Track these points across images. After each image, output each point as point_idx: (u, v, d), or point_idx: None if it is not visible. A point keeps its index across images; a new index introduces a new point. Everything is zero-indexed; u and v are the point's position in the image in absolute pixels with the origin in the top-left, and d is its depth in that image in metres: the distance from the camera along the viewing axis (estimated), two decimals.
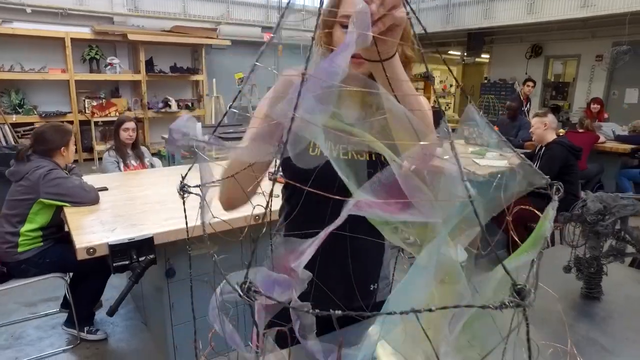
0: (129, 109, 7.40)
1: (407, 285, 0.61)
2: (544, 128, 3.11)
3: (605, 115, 6.59)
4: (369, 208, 0.54)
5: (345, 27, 0.93)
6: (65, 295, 2.64)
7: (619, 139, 5.26)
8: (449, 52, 12.27)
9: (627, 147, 4.95)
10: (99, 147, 6.94)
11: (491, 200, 0.58)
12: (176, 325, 2.15)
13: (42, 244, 2.27)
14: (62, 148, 2.29)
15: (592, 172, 4.95)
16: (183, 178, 0.74)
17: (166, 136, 5.14)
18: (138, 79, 7.35)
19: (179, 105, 7.78)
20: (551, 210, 0.57)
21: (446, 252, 0.58)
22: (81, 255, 1.67)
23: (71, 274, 2.44)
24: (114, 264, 1.71)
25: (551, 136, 3.13)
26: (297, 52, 9.99)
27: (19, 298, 2.78)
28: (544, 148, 3.12)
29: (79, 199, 2.18)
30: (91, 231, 1.83)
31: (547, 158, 3.03)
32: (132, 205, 2.22)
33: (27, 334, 2.49)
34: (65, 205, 2.18)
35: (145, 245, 1.78)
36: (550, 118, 3.14)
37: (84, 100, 7.00)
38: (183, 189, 0.70)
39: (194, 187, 0.75)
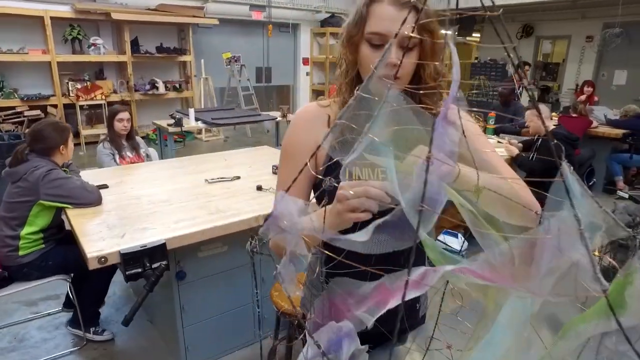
0: (114, 92, 7.16)
1: (488, 347, 0.58)
2: (537, 119, 3.12)
3: (596, 99, 6.65)
4: (465, 273, 0.51)
5: (373, 45, 0.87)
6: (67, 294, 2.58)
7: (610, 123, 5.32)
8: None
9: (619, 132, 5.02)
10: (85, 131, 6.73)
11: None
12: (187, 326, 2.14)
13: (43, 246, 2.20)
14: (62, 146, 2.19)
15: (584, 157, 5.02)
16: (252, 238, 0.69)
17: (157, 121, 5.00)
18: (123, 60, 7.08)
19: (166, 87, 7.55)
20: None
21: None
22: (93, 265, 1.61)
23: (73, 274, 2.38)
24: (127, 273, 1.66)
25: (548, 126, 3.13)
26: (285, 31, 9.75)
27: (18, 297, 2.71)
28: (540, 139, 3.13)
29: (82, 201, 2.10)
30: (100, 237, 1.77)
31: (544, 151, 3.03)
32: (137, 205, 2.15)
33: (31, 335, 2.44)
34: (67, 207, 2.11)
35: (157, 251, 1.73)
36: (542, 109, 3.14)
37: (67, 83, 6.73)
38: (253, 251, 0.66)
39: (263, 242, 0.71)
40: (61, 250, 2.26)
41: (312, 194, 1.08)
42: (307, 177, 1.02)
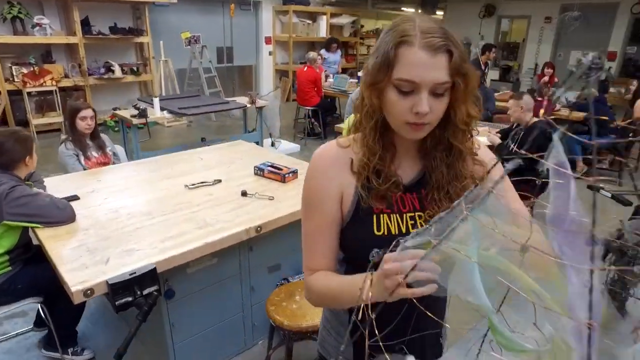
0: (66, 76, 6.62)
1: None
2: (521, 111, 3.15)
3: (556, 80, 6.88)
4: None
5: (401, 92, 0.79)
6: (38, 311, 2.40)
7: (572, 106, 5.53)
8: (402, 8, 12.07)
9: (581, 115, 5.22)
10: (35, 120, 6.22)
11: None
12: (177, 343, 2.05)
13: (10, 268, 2.01)
14: (27, 157, 1.98)
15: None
16: None
17: (119, 112, 4.68)
18: (74, 41, 6.52)
19: (123, 70, 7.07)
20: None
21: None
22: (78, 299, 1.48)
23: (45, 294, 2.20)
24: (116, 303, 1.54)
25: (530, 118, 3.18)
26: (246, 8, 9.34)
27: None
28: (523, 131, 3.18)
29: (53, 219, 1.91)
30: (81, 265, 1.62)
31: (525, 143, 3.07)
32: (116, 221, 1.99)
33: None
34: (36, 227, 1.91)
35: (147, 276, 1.61)
36: (526, 99, 3.18)
37: (11, 67, 6.14)
38: None
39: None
40: (30, 270, 2.08)
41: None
42: (335, 226, 0.94)
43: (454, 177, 0.91)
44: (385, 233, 0.90)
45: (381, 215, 0.90)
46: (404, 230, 0.90)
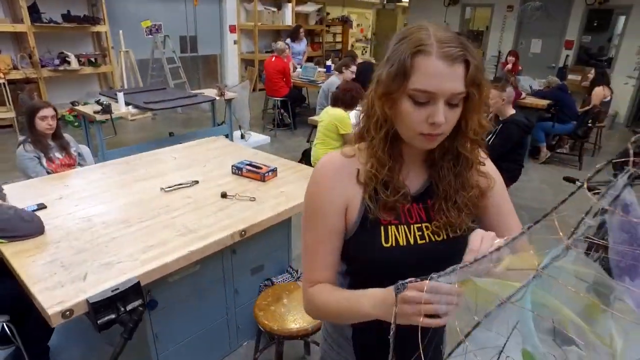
0: (14, 68, 6.17)
1: None
2: (502, 103, 3.18)
3: (520, 68, 7.08)
4: None
5: (417, 102, 0.77)
6: (2, 327, 2.23)
7: (536, 94, 5.71)
8: None
9: (545, 102, 5.41)
10: None
11: None
12: (162, 353, 1.97)
13: None
14: None
15: None
16: None
17: (81, 108, 4.41)
18: (21, 30, 6.05)
19: (80, 61, 6.67)
20: None
21: None
22: (56, 322, 1.37)
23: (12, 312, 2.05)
24: (99, 322, 1.44)
25: (509, 110, 3.22)
26: None
27: None
28: (501, 124, 3.22)
29: (18, 233, 1.76)
30: (57, 283, 1.50)
31: (504, 138, 3.12)
32: (90, 231, 1.86)
33: None
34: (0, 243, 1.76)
35: (131, 291, 1.52)
36: (509, 91, 3.21)
37: None
38: None
39: None
40: None
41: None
42: (338, 237, 0.91)
43: (462, 186, 0.90)
44: (394, 244, 0.88)
45: (389, 227, 0.88)
46: (412, 241, 0.89)
